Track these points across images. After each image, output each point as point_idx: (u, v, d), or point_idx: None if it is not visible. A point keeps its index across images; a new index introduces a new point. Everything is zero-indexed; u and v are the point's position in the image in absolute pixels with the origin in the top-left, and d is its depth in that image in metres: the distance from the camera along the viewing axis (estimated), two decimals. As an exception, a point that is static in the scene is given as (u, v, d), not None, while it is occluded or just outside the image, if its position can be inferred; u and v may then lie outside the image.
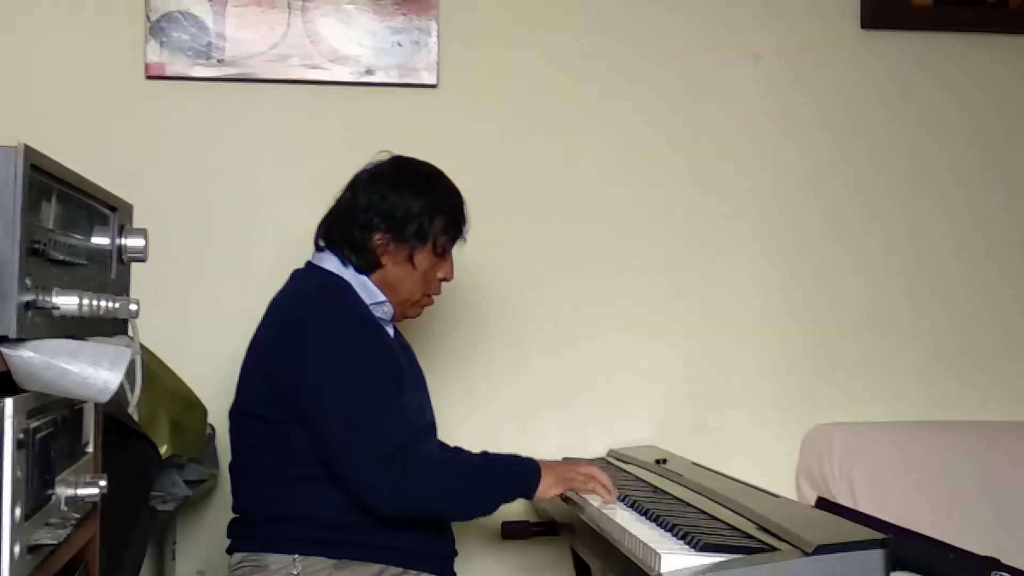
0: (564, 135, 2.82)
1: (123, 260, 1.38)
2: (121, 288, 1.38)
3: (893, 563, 2.39)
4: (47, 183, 1.11)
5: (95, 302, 1.12)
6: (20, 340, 1.02)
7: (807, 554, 1.53)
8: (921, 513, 2.60)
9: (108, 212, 1.34)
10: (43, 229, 1.09)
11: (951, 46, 2.96)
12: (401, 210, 2.08)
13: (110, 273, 1.34)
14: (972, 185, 2.96)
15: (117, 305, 1.24)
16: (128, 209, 1.41)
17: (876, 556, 1.53)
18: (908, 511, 2.59)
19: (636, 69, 2.85)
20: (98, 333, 1.24)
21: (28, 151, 1.01)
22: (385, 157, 2.16)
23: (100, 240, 1.32)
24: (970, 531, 2.60)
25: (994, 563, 2.37)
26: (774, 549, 1.59)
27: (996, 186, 2.97)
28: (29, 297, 1.01)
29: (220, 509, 2.23)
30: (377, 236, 2.08)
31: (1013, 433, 2.87)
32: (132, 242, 1.36)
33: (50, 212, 1.14)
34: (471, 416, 2.69)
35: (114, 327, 1.35)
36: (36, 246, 1.04)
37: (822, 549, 1.52)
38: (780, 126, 2.91)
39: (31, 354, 1.03)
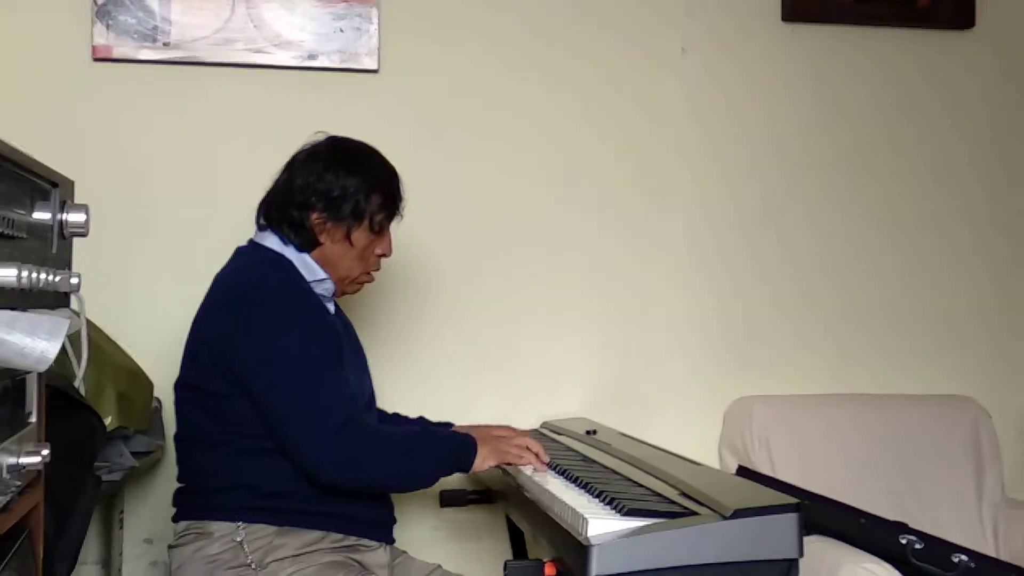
0: (499, 123, 2.82)
1: (64, 235, 1.34)
2: (63, 262, 1.35)
3: (808, 527, 2.42)
4: (-15, 156, 1.08)
5: (34, 274, 1.09)
6: (-45, 311, 1.00)
7: (725, 518, 1.54)
8: (834, 480, 2.64)
9: (49, 188, 1.30)
10: (-20, 202, 1.07)
11: (865, 39, 2.98)
12: (337, 189, 2.05)
13: (51, 248, 1.31)
14: (883, 173, 2.99)
15: (58, 278, 1.22)
16: (70, 185, 1.37)
17: (790, 520, 1.54)
18: (823, 478, 2.63)
19: (564, 62, 2.85)
20: (40, 306, 1.21)
21: (-36, 125, 0.98)
22: (321, 138, 2.13)
23: (41, 215, 1.28)
24: (879, 496, 2.64)
25: (902, 527, 2.41)
26: (694, 513, 1.61)
27: (904, 173, 3.00)
28: (-36, 268, 0.99)
29: (166, 479, 2.21)
30: (314, 215, 2.05)
31: (913, 405, 2.91)
32: (73, 217, 1.33)
33: (-11, 186, 1.11)
34: (410, 389, 2.68)
35: (56, 300, 1.31)
36: (-28, 218, 1.02)
37: (739, 513, 1.54)
38: (704, 119, 2.92)
39: (-34, 325, 1.00)
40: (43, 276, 1.14)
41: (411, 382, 2.71)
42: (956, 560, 2.35)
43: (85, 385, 2.05)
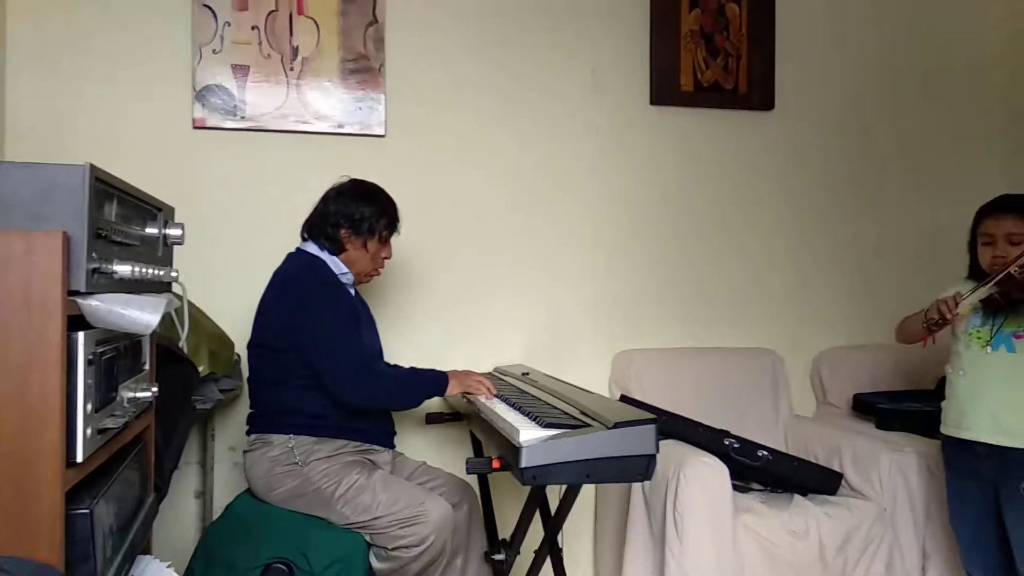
0: (467, 164, 2.79)
1: (167, 244, 1.32)
2: (166, 262, 1.33)
3: (664, 434, 2.45)
4: (109, 190, 1.06)
5: (143, 269, 1.08)
6: (89, 293, 0.98)
7: (608, 428, 1.55)
8: (684, 404, 2.65)
9: (156, 211, 1.28)
10: (106, 221, 1.05)
11: (705, 117, 2.98)
12: (358, 214, 2.06)
13: (157, 252, 1.29)
14: (716, 204, 3.01)
15: (161, 272, 1.20)
16: (171, 210, 1.35)
17: (650, 429, 1.55)
18: (677, 403, 2.65)
19: (513, 129, 2.83)
20: (150, 291, 1.19)
21: (92, 168, 0.96)
22: (346, 179, 2.14)
23: (151, 230, 1.26)
24: (712, 414, 2.65)
25: (726, 434, 2.43)
26: (589, 425, 1.61)
27: (730, 203, 3.02)
28: (94, 265, 0.98)
29: (243, 408, 2.18)
30: (343, 231, 2.06)
31: (735, 354, 2.91)
32: (173, 232, 1.32)
33: (112, 210, 1.09)
34: (409, 346, 2.66)
35: (162, 288, 1.30)
36: (100, 232, 1.00)
37: (617, 425, 1.55)
38: (604, 166, 2.91)
39: (96, 303, 0.99)
40: (150, 271, 1.12)
41: (408, 343, 2.68)
42: (760, 454, 2.38)
43: (187, 344, 2.02)
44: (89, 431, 0.98)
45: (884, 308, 3.03)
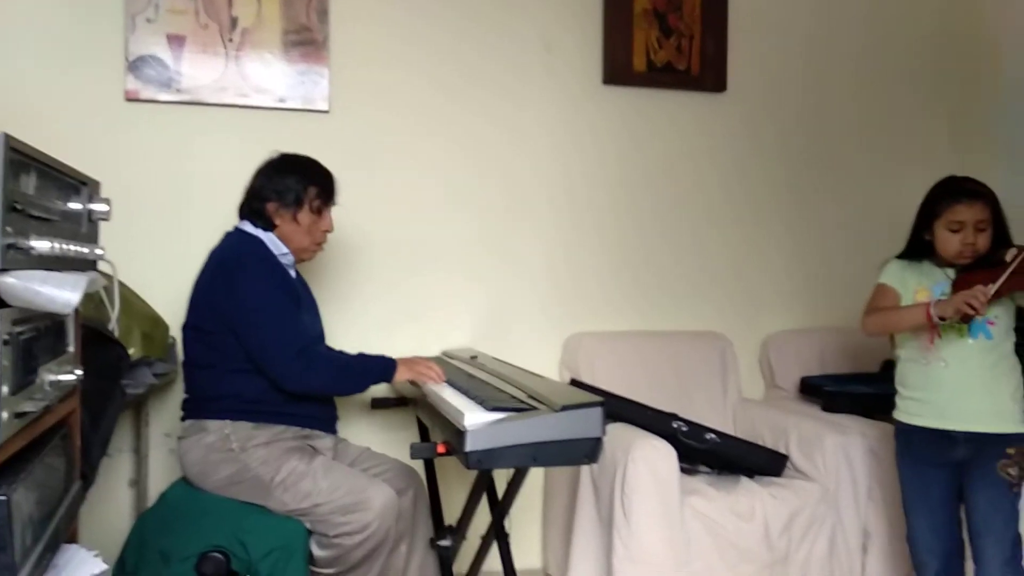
0: (413, 145, 2.76)
1: (92, 220, 1.28)
2: (90, 239, 1.28)
3: (613, 417, 2.47)
4: (26, 161, 1.02)
5: (63, 246, 1.04)
6: (4, 270, 0.94)
7: (555, 411, 1.56)
8: (633, 387, 2.67)
9: (80, 185, 1.24)
10: (23, 194, 1.00)
11: (657, 98, 2.99)
12: (282, 185, 2.02)
13: (81, 228, 1.24)
14: (666, 188, 3.03)
15: (85, 250, 1.16)
16: (96, 184, 1.30)
17: (596, 412, 1.56)
18: (626, 386, 2.67)
19: (460, 106, 2.80)
20: (72, 269, 1.15)
21: (8, 137, 0.92)
22: (276, 154, 2.10)
23: (74, 205, 1.22)
24: (661, 397, 2.68)
25: (675, 417, 2.47)
26: (536, 408, 1.61)
27: (679, 187, 3.04)
28: (8, 240, 0.94)
29: (179, 392, 2.12)
30: (270, 205, 2.02)
31: (685, 337, 2.95)
32: (98, 207, 1.27)
33: (29, 183, 1.04)
34: (351, 330, 2.62)
35: (87, 266, 1.25)
36: (15, 205, 0.96)
37: (564, 408, 1.56)
38: (554, 146, 2.90)
39: (12, 280, 0.95)
40: (72, 247, 1.08)
41: (352, 325, 2.65)
42: (708, 437, 2.42)
43: (118, 326, 1.97)
44: (5, 415, 0.94)
45: (831, 292, 3.11)
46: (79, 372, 1.24)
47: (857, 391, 2.69)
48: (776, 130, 3.12)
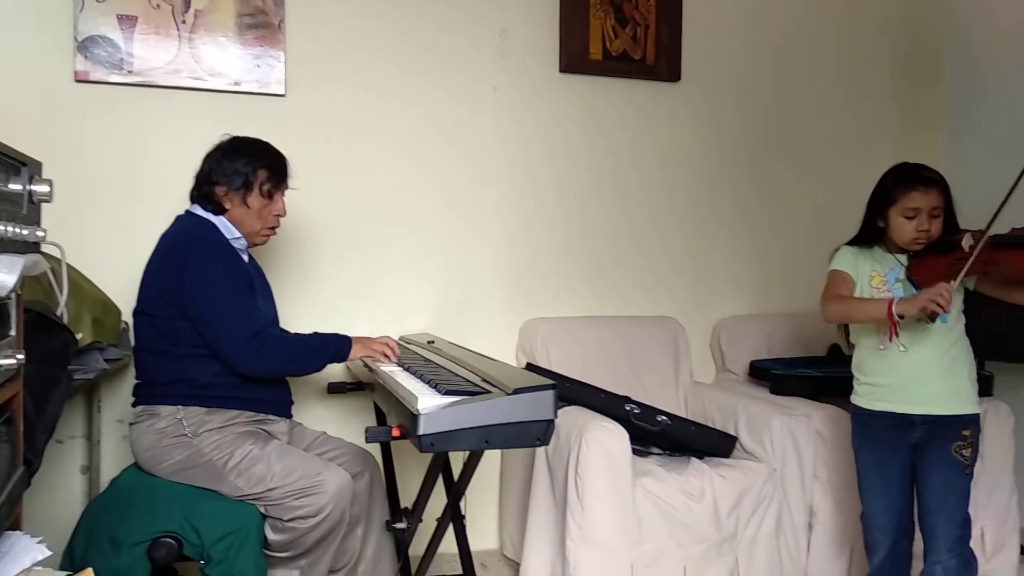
0: (369, 130, 2.73)
1: (33, 201, 1.24)
2: (32, 221, 1.25)
3: (567, 401, 2.48)
4: (-39, 142, 0.98)
5: (2, 227, 1.01)
6: (-63, 253, 0.91)
7: (508, 394, 1.56)
8: (588, 371, 2.70)
9: (20, 166, 1.20)
10: (-42, 174, 0.97)
11: (613, 87, 3.00)
12: (231, 169, 1.98)
13: (22, 210, 1.20)
14: (621, 176, 3.04)
15: (25, 231, 1.12)
16: (38, 165, 1.26)
17: (548, 395, 1.56)
18: (580, 370, 2.69)
19: (419, 88, 2.78)
20: (12, 252, 1.12)
21: (-60, 116, 0.89)
22: (227, 137, 2.06)
23: (13, 186, 1.18)
24: (615, 381, 2.71)
25: (627, 399, 2.49)
26: (489, 392, 1.62)
27: (634, 176, 3.06)
28: (-58, 222, 0.90)
29: (132, 379, 2.09)
30: (219, 188, 1.98)
31: (637, 321, 2.98)
32: (39, 188, 1.23)
33: (-34, 163, 1.01)
34: (308, 315, 2.60)
35: (27, 248, 1.22)
36: (-51, 186, 0.92)
37: (517, 391, 1.56)
38: (511, 132, 2.90)
39: (-55, 262, 0.91)
40: (10, 229, 1.05)
41: (309, 310, 2.63)
42: (660, 419, 2.45)
43: (67, 311, 1.92)
44: (-58, 400, 0.92)
45: (780, 279, 3.17)
46: (20, 357, 1.20)
47: (804, 374, 2.75)
48: (728, 120, 3.15)
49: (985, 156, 2.02)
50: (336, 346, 2.00)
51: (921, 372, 1.95)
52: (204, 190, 1.98)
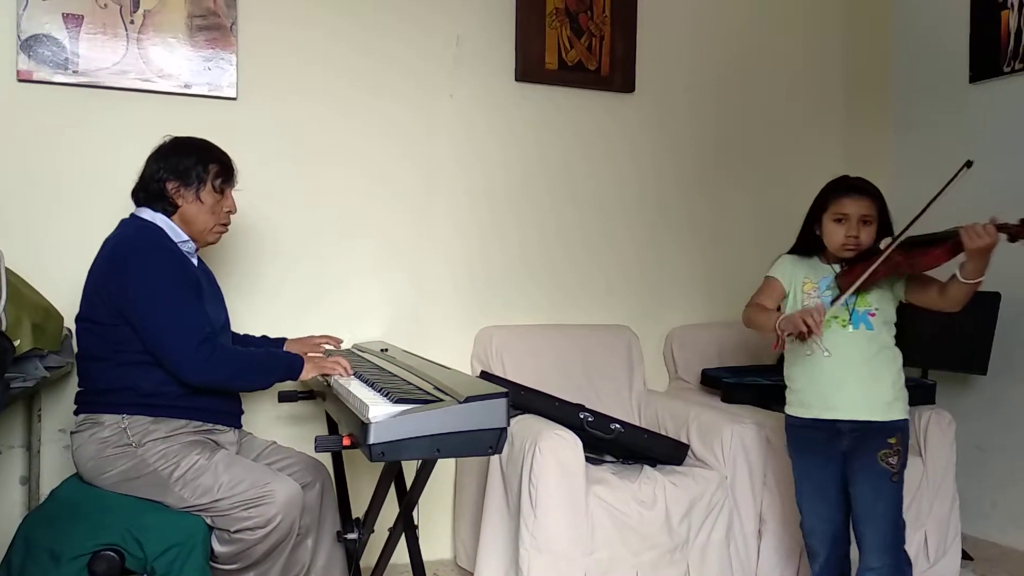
0: (324, 134, 2.71)
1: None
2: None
3: (521, 409, 2.48)
4: None
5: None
6: None
7: (460, 402, 1.55)
8: (542, 379, 2.71)
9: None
10: None
11: (568, 97, 3.02)
12: (181, 165, 1.95)
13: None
14: (574, 185, 3.06)
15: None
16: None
17: (501, 403, 1.56)
18: (535, 378, 2.70)
19: (372, 97, 2.76)
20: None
21: None
22: (168, 138, 2.03)
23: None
24: (569, 389, 2.72)
25: (581, 407, 2.50)
26: (441, 400, 1.61)
27: (586, 185, 3.08)
28: None
29: (74, 387, 2.02)
30: (170, 185, 1.94)
31: (592, 330, 2.99)
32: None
33: None
34: (259, 320, 2.55)
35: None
36: None
37: (469, 399, 1.56)
38: (466, 141, 2.90)
39: None
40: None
41: (260, 317, 2.58)
42: (613, 427, 2.46)
43: (6, 317, 1.87)
44: None
45: (731, 287, 3.20)
46: (-47, 364, 1.16)
47: (754, 382, 2.79)
48: (681, 131, 3.20)
49: (932, 169, 2.11)
50: (286, 365, 1.95)
51: (841, 377, 1.99)
52: (153, 189, 1.93)
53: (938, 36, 3.31)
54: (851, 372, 1.99)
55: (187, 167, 1.94)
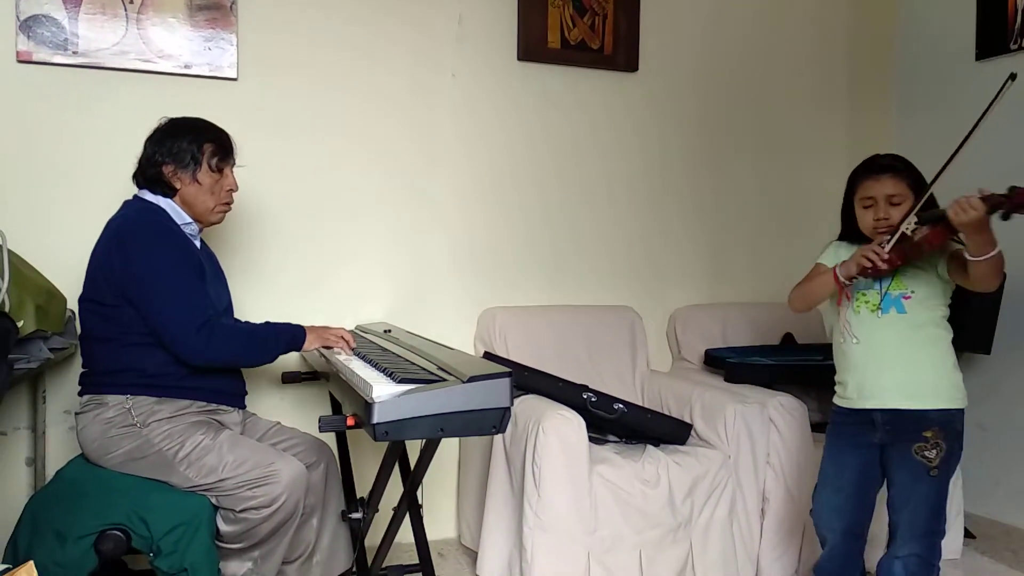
0: (325, 114, 2.69)
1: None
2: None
3: (524, 389, 2.48)
4: None
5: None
6: None
7: (463, 382, 1.54)
8: (545, 360, 2.71)
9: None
10: None
11: (571, 76, 3.00)
12: (175, 147, 1.93)
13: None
14: (579, 165, 3.05)
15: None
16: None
17: (504, 382, 1.55)
18: (538, 359, 2.70)
19: (374, 77, 2.75)
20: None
21: None
22: (164, 119, 2.01)
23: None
24: (572, 370, 2.72)
25: (585, 388, 2.50)
26: (444, 380, 1.60)
27: (590, 165, 3.06)
28: None
29: (78, 368, 2.03)
30: (166, 168, 1.92)
31: (595, 311, 2.99)
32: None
33: None
34: (263, 304, 2.56)
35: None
36: None
37: (472, 379, 1.54)
38: (469, 120, 2.88)
39: None
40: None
41: (263, 299, 2.59)
42: (616, 407, 2.46)
43: (8, 299, 1.86)
44: None
45: (735, 269, 3.21)
46: (-43, 344, 1.16)
47: (758, 362, 2.78)
48: (685, 110, 3.17)
49: (937, 148, 2.07)
50: (290, 337, 1.96)
51: (873, 364, 1.90)
52: (150, 173, 1.92)
53: (944, 13, 3.27)
54: (883, 358, 1.89)
55: (181, 149, 1.93)
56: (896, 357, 1.88)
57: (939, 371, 1.89)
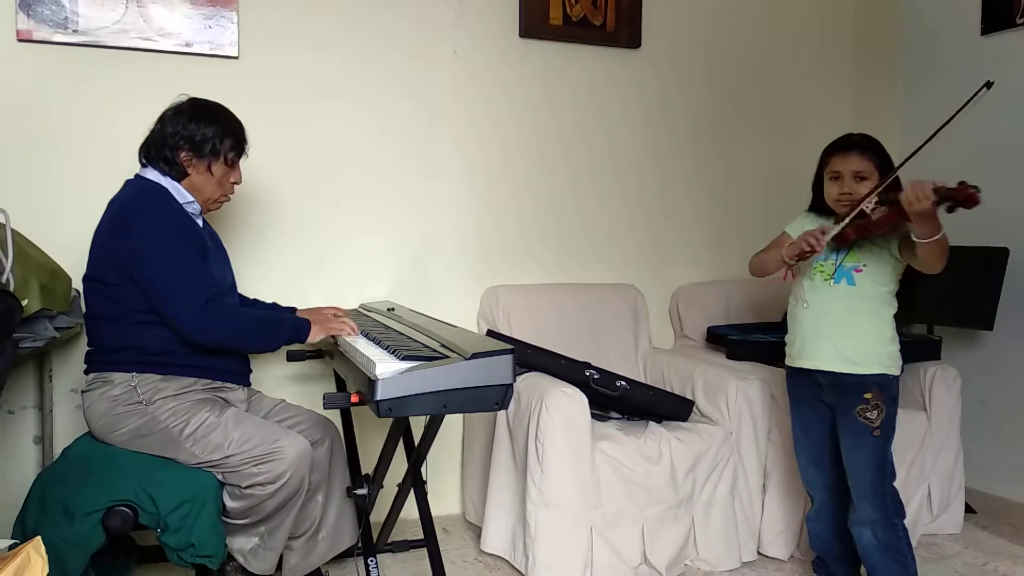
0: (330, 95, 2.68)
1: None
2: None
3: (527, 367, 2.48)
4: None
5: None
6: None
7: (466, 359, 1.55)
8: (548, 337, 2.71)
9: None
10: None
11: (573, 53, 2.98)
12: (199, 135, 1.90)
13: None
14: (582, 142, 3.03)
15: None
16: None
17: (506, 359, 1.55)
18: (541, 336, 2.70)
19: (376, 55, 2.73)
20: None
21: None
22: (184, 98, 1.97)
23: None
24: (575, 347, 2.72)
25: (587, 365, 2.50)
26: (447, 357, 1.60)
27: (594, 142, 3.05)
28: None
29: (84, 347, 2.03)
30: (183, 154, 1.90)
31: (598, 289, 2.99)
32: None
33: None
34: (266, 279, 2.57)
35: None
36: None
37: (475, 356, 1.55)
38: (470, 98, 2.86)
39: None
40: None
41: (266, 278, 2.59)
42: (619, 384, 2.47)
43: (12, 277, 1.86)
44: None
45: (737, 245, 3.19)
46: (-38, 322, 1.16)
47: (759, 339, 2.78)
48: (687, 87, 3.15)
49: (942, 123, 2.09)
50: (292, 328, 1.94)
51: (816, 329, 2.03)
52: (165, 154, 1.90)
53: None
54: (826, 324, 2.02)
55: (205, 137, 1.90)
56: (838, 325, 2.00)
57: (878, 340, 2.00)
